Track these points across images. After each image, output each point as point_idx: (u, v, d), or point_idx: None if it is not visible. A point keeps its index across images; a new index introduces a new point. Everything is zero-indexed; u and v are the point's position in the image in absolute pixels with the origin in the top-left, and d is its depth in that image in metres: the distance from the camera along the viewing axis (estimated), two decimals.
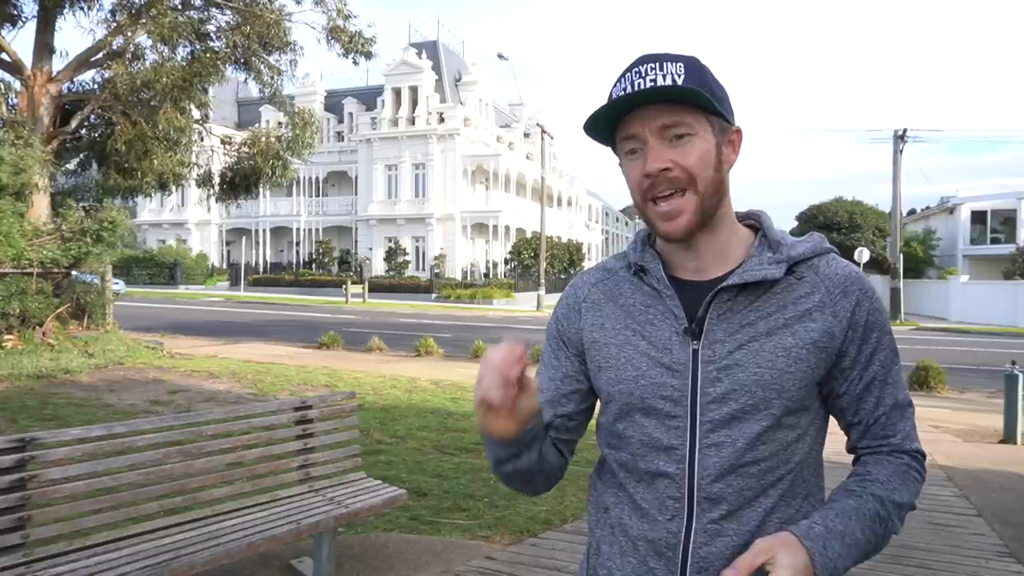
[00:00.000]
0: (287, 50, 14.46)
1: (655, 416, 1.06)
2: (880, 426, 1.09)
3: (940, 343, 19.14)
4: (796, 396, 1.02)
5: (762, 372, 1.01)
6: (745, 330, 1.03)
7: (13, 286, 10.27)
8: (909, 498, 1.07)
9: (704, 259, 1.08)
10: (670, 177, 1.01)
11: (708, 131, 1.03)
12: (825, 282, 1.05)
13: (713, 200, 1.04)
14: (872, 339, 1.06)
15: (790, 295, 1.04)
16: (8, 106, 13.20)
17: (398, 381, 9.65)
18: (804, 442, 1.06)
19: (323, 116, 40.21)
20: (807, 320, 1.03)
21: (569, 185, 50.29)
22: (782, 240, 1.08)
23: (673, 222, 1.03)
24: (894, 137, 28.18)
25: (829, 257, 1.08)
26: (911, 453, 1.10)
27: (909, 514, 1.11)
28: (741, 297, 1.04)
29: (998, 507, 4.87)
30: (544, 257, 32.23)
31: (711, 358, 1.03)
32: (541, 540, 4.04)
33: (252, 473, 3.44)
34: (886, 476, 1.07)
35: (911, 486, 1.08)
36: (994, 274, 31.95)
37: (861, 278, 1.07)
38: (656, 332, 1.08)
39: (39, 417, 6.81)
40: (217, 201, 17.04)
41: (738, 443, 1.02)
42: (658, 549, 1.06)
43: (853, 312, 1.04)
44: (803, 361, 1.02)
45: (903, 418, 1.10)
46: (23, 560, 2.54)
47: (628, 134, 1.03)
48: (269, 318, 22.24)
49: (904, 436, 1.10)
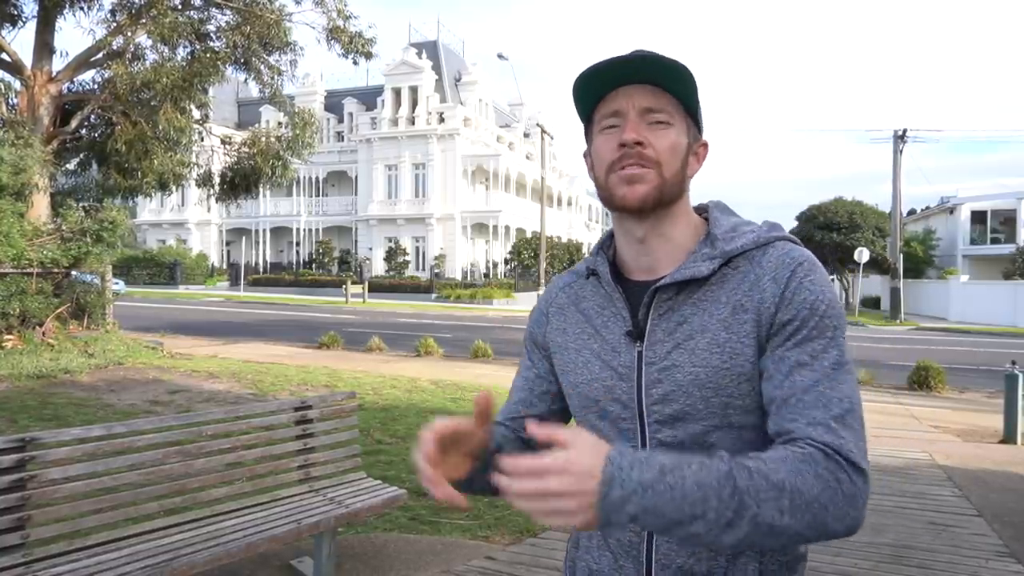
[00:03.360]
0: (287, 50, 14.47)
1: (608, 418, 1.08)
2: (787, 409, 0.93)
3: (940, 343, 19.14)
4: (737, 392, 0.99)
5: (697, 371, 0.99)
6: (682, 328, 1.02)
7: (13, 286, 10.26)
8: (798, 485, 0.83)
9: (655, 255, 1.08)
10: (641, 152, 1.01)
11: (683, 129, 1.05)
12: (757, 270, 1.01)
13: (672, 190, 1.04)
14: (795, 318, 0.96)
15: (724, 289, 1.02)
16: (8, 106, 13.20)
17: (398, 381, 9.65)
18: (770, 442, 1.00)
19: (323, 116, 40.22)
20: (739, 312, 1.00)
21: (569, 185, 50.30)
22: (721, 235, 1.06)
23: (632, 187, 1.02)
24: (894, 137, 28.21)
25: (771, 246, 1.04)
26: (820, 444, 0.88)
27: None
28: (681, 296, 1.04)
29: (998, 507, 4.87)
30: (544, 257, 32.23)
31: (652, 359, 1.03)
32: (541, 540, 4.04)
33: (252, 473, 3.44)
34: (773, 456, 0.87)
35: (806, 478, 0.84)
36: (994, 274, 31.93)
37: (796, 260, 1.00)
38: (608, 334, 1.09)
39: (39, 417, 6.81)
40: (217, 201, 17.03)
41: (684, 443, 1.01)
42: (624, 547, 1.08)
43: (781, 293, 0.98)
44: (738, 355, 0.98)
45: (821, 406, 0.91)
46: (23, 560, 2.54)
47: (611, 109, 1.04)
48: (269, 318, 22.23)
49: (814, 423, 0.90)
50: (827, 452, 0.88)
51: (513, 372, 1.31)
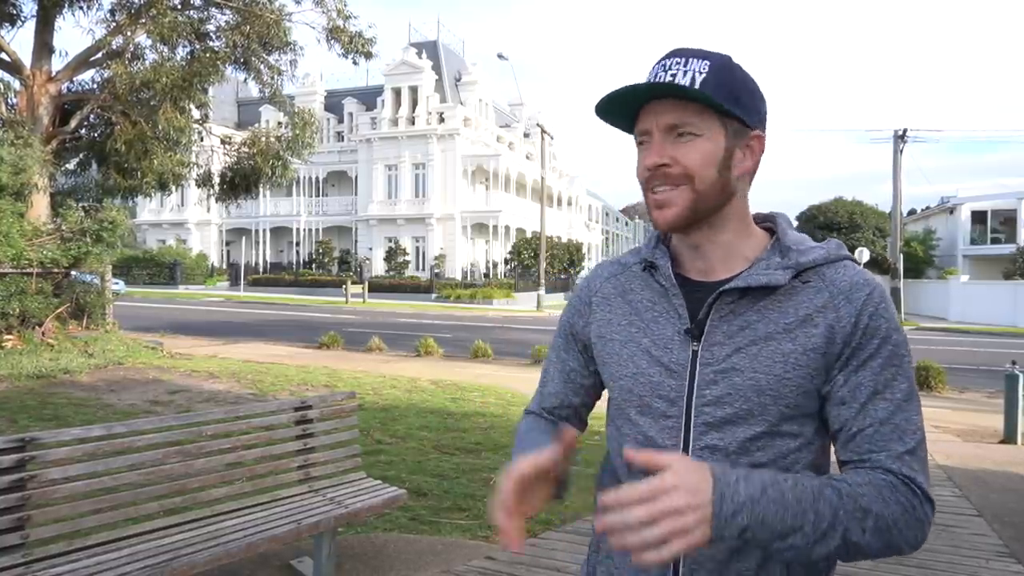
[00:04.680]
0: (287, 50, 14.47)
1: (650, 415, 1.07)
2: (865, 439, 0.98)
3: (940, 343, 19.14)
4: (794, 403, 1.00)
5: (759, 377, 1.00)
6: (744, 333, 1.02)
7: (13, 286, 10.26)
8: (881, 510, 0.91)
9: (709, 260, 1.08)
10: (666, 172, 1.02)
11: (719, 133, 1.02)
12: (830, 288, 1.02)
13: (712, 200, 1.03)
14: (870, 345, 0.99)
15: (793, 300, 1.02)
16: (8, 106, 13.20)
17: (398, 381, 9.65)
18: (809, 452, 1.03)
19: (323, 116, 40.23)
20: (808, 326, 1.00)
21: (569, 185, 50.30)
22: (793, 245, 1.06)
23: (661, 211, 1.04)
24: (894, 137, 28.21)
25: (840, 264, 1.04)
26: (900, 476, 0.95)
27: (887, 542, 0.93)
28: (745, 300, 1.03)
29: (998, 507, 4.87)
30: (544, 257, 32.23)
31: (709, 360, 1.03)
32: (541, 540, 4.04)
33: (252, 473, 3.43)
34: (857, 480, 0.94)
35: (889, 505, 0.92)
36: (994, 274, 31.96)
37: (869, 285, 1.02)
38: (659, 330, 1.08)
39: (39, 417, 6.81)
40: (217, 201, 17.04)
41: (730, 447, 1.01)
42: None
43: (856, 318, 0.99)
44: (802, 367, 0.99)
45: (897, 439, 0.97)
46: (23, 560, 2.54)
47: (641, 128, 1.05)
48: (269, 318, 22.23)
49: (893, 456, 0.96)
50: (906, 483, 0.95)
51: (513, 372, 1.32)
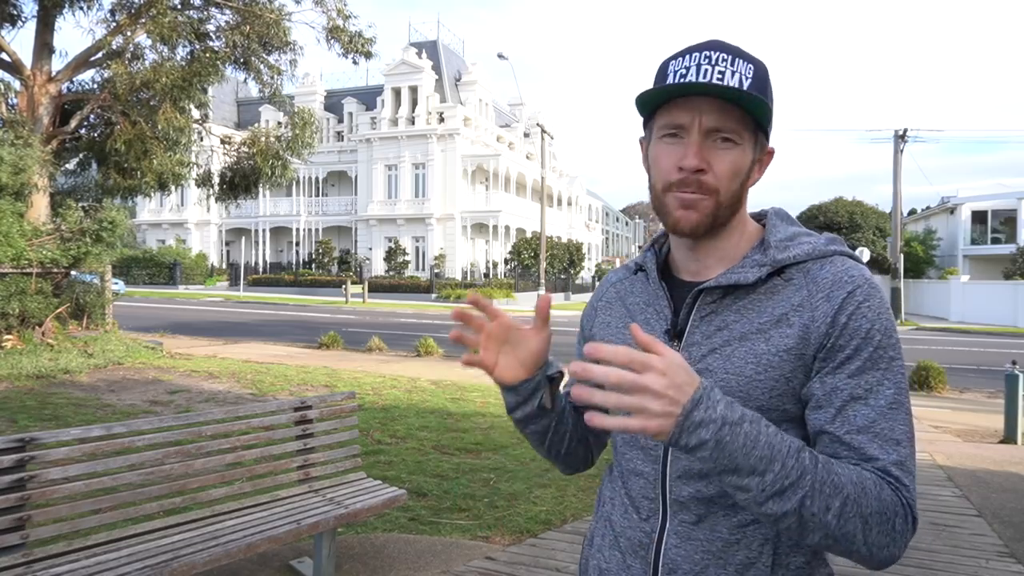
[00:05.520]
0: (287, 50, 14.47)
1: None
2: (842, 446, 0.92)
3: (940, 343, 19.14)
4: (767, 405, 0.96)
5: (729, 378, 0.97)
6: (720, 334, 1.00)
7: (13, 286, 10.26)
8: (857, 497, 0.85)
9: (706, 262, 1.07)
10: (701, 180, 0.97)
11: (751, 144, 1.00)
12: (810, 285, 0.97)
13: (727, 212, 1.01)
14: (848, 346, 0.93)
15: (771, 299, 0.99)
16: (8, 106, 13.19)
17: (398, 381, 9.65)
18: None
19: (323, 116, 40.24)
20: (783, 325, 0.96)
21: (569, 185, 50.31)
22: (775, 242, 1.03)
23: (686, 212, 0.99)
24: (894, 137, 28.21)
25: (828, 260, 1.00)
26: (883, 472, 0.89)
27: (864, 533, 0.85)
28: (727, 300, 1.01)
29: (998, 507, 4.87)
30: (544, 257, 32.25)
31: (686, 361, 1.03)
32: (541, 540, 4.04)
33: (252, 473, 3.43)
34: (846, 465, 0.89)
35: (868, 496, 0.86)
36: (994, 274, 31.96)
37: (853, 282, 0.96)
38: (648, 331, 1.08)
39: (39, 417, 6.80)
40: (217, 201, 17.02)
41: None
42: (634, 547, 1.07)
43: (834, 317, 0.94)
44: (774, 368, 0.96)
45: (878, 448, 0.90)
46: (23, 560, 2.54)
47: (675, 121, 0.98)
48: (269, 318, 22.22)
49: (873, 460, 0.90)
50: (893, 488, 0.89)
51: None
